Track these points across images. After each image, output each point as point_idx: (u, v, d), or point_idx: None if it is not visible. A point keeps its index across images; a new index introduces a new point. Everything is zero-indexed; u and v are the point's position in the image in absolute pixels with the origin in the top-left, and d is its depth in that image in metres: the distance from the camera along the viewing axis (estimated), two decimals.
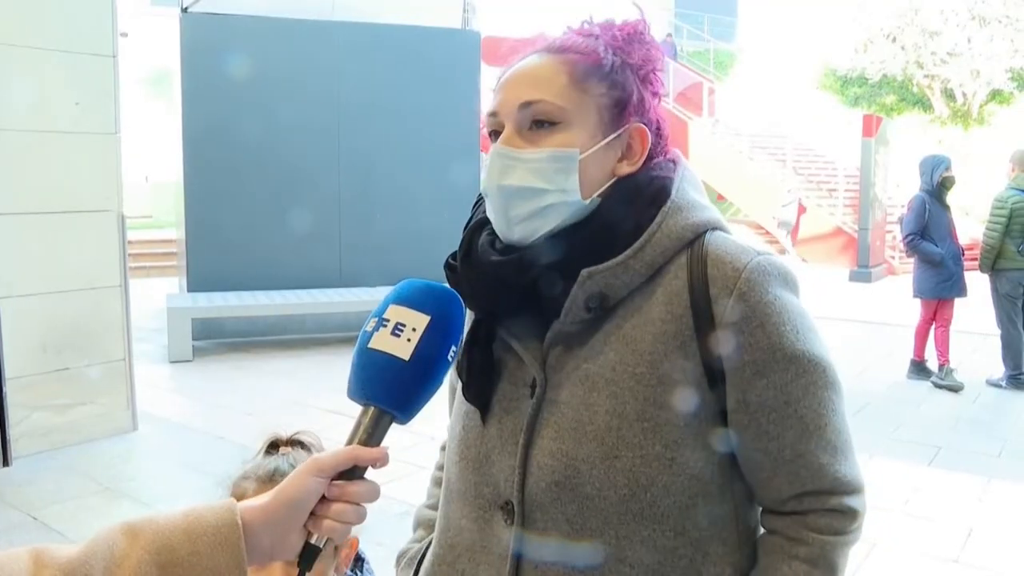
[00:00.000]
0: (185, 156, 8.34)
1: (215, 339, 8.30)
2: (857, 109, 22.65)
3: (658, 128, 1.15)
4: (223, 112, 8.20)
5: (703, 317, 1.04)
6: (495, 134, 1.11)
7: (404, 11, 9.24)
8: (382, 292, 7.17)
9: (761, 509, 1.14)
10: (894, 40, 22.56)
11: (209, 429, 5.63)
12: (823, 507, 1.07)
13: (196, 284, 8.35)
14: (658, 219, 1.08)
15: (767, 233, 17.22)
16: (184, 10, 8.33)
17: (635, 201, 1.09)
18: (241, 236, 8.44)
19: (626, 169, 1.12)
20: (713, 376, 1.05)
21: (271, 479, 1.47)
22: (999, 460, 5.20)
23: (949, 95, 23.23)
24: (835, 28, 23.04)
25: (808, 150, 19.92)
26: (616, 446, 1.04)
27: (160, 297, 9.23)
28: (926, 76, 23.04)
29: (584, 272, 1.05)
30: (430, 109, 9.08)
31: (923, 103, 23.88)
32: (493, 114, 1.11)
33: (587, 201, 1.09)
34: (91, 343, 5.39)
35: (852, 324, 9.90)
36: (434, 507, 1.34)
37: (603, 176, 1.10)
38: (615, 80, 1.10)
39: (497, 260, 1.09)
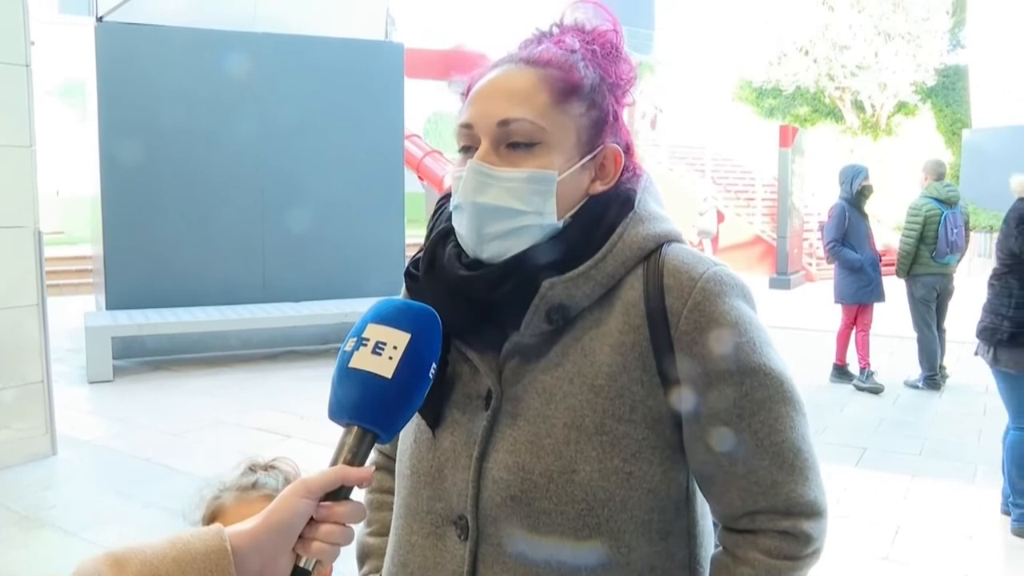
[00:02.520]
0: (102, 170, 8.07)
1: (136, 358, 8.06)
2: (772, 120, 23.31)
3: (627, 146, 1.14)
4: (142, 125, 7.97)
5: (659, 328, 1.03)
6: (467, 149, 1.09)
7: (327, 23, 9.14)
8: (306, 307, 6.99)
9: (719, 524, 1.13)
10: (806, 53, 23.34)
11: (133, 451, 5.45)
12: (775, 528, 1.05)
13: (115, 301, 8.09)
14: (619, 230, 1.07)
15: (690, 243, 17.53)
16: (99, 19, 8.08)
17: (603, 215, 1.08)
18: (162, 252, 8.21)
19: (599, 188, 1.11)
20: (670, 388, 1.04)
21: (252, 487, 1.46)
22: (920, 458, 5.38)
23: (859, 106, 24.11)
24: (750, 41, 23.68)
25: (726, 160, 20.40)
26: (574, 460, 1.02)
27: (75, 315, 8.93)
28: (837, 88, 23.88)
29: (546, 283, 1.04)
30: (354, 121, 9.01)
31: (835, 114, 24.72)
32: (468, 127, 1.08)
33: (560, 222, 1.08)
34: (6, 365, 5.16)
35: (773, 331, 10.08)
36: (376, 533, 1.31)
37: (577, 196, 1.09)
38: (594, 100, 1.09)
39: (467, 276, 1.07)
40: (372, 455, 1.35)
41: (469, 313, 1.06)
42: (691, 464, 1.07)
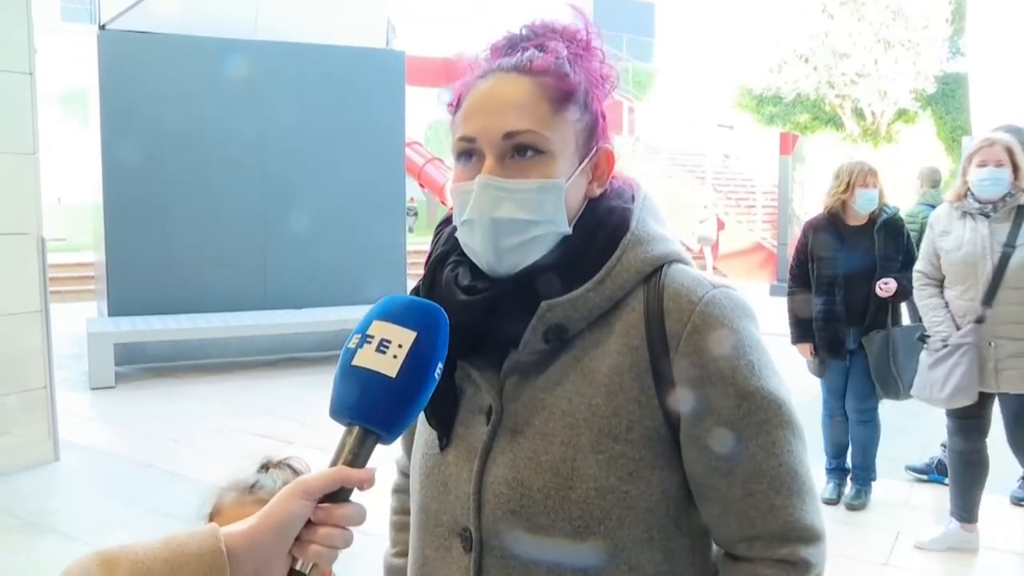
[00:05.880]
0: (105, 177, 8.10)
1: (137, 364, 8.06)
2: (773, 127, 23.34)
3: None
4: (144, 132, 7.99)
5: (659, 350, 1.04)
6: (465, 155, 1.08)
7: (328, 31, 9.17)
8: (307, 314, 6.99)
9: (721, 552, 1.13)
10: (806, 61, 23.37)
11: (135, 457, 5.45)
12: (772, 556, 1.04)
13: (117, 308, 8.10)
14: (617, 253, 1.07)
15: (689, 250, 17.56)
16: (102, 27, 8.11)
17: (597, 233, 1.08)
18: (163, 259, 8.23)
19: (596, 191, 1.12)
20: (668, 410, 1.04)
21: (251, 490, 1.47)
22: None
23: (859, 114, 24.15)
24: (750, 48, 23.73)
25: (727, 167, 20.42)
26: (571, 477, 1.03)
27: (75, 322, 8.93)
28: (837, 96, 23.92)
29: (544, 304, 1.04)
30: (354, 129, 9.02)
31: (835, 121, 24.75)
32: (470, 140, 1.07)
33: (569, 229, 1.08)
34: (9, 372, 5.17)
35: (773, 338, 10.07)
36: (401, 554, 1.33)
37: (579, 200, 1.10)
38: (586, 104, 1.09)
39: (463, 301, 1.07)
40: (395, 478, 1.37)
41: (470, 336, 1.06)
42: (691, 485, 1.07)
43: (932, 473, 5.02)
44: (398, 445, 1.33)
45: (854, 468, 4.65)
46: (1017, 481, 4.65)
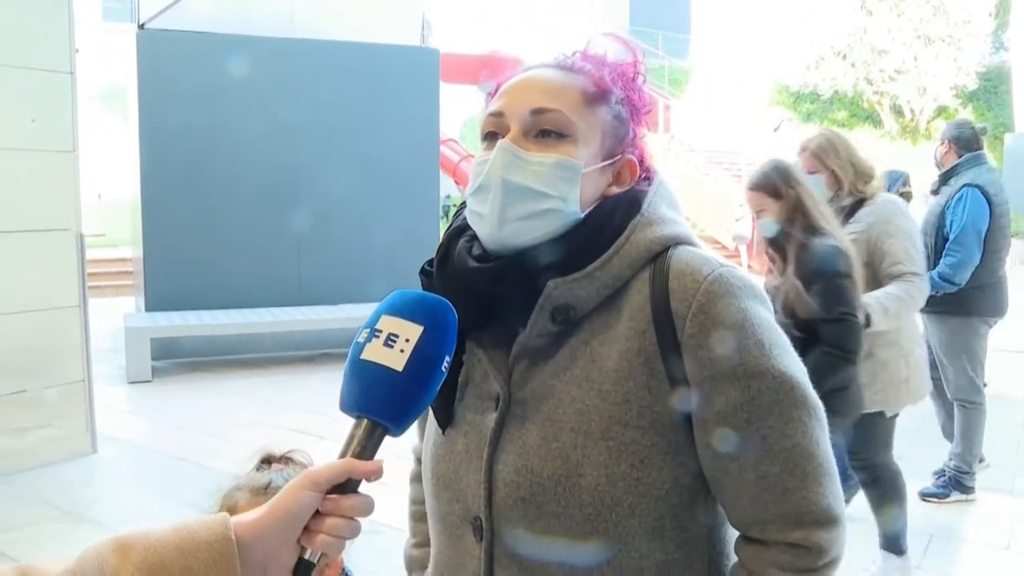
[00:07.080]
0: (143, 174, 8.23)
1: (174, 359, 8.18)
2: (810, 125, 23.08)
3: (641, 161, 1.18)
4: (181, 129, 8.11)
5: (665, 332, 1.03)
6: (492, 136, 1.11)
7: (363, 28, 9.25)
8: (342, 310, 7.01)
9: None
10: (844, 58, 23.10)
11: (170, 451, 5.54)
12: (785, 540, 1.02)
13: (154, 303, 8.23)
14: (626, 232, 1.07)
15: (724, 248, 17.46)
16: (141, 26, 8.23)
17: (611, 216, 1.09)
18: (200, 254, 8.34)
19: (614, 191, 1.14)
20: (679, 393, 1.03)
21: (265, 491, 1.48)
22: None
23: (898, 111, 23.82)
24: (787, 45, 23.49)
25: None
26: (580, 464, 1.02)
27: (114, 317, 9.08)
28: (875, 93, 23.61)
29: (550, 283, 1.04)
30: (389, 126, 9.08)
31: (873, 119, 24.44)
32: (499, 114, 1.10)
33: (582, 213, 1.09)
34: (49, 365, 5.28)
35: None
36: (419, 544, 1.33)
37: (594, 195, 1.11)
38: (619, 112, 1.13)
39: (473, 268, 1.08)
40: (412, 467, 1.37)
41: (477, 309, 1.06)
42: (704, 469, 1.06)
43: (948, 490, 4.92)
44: (414, 433, 1.32)
45: None
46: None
